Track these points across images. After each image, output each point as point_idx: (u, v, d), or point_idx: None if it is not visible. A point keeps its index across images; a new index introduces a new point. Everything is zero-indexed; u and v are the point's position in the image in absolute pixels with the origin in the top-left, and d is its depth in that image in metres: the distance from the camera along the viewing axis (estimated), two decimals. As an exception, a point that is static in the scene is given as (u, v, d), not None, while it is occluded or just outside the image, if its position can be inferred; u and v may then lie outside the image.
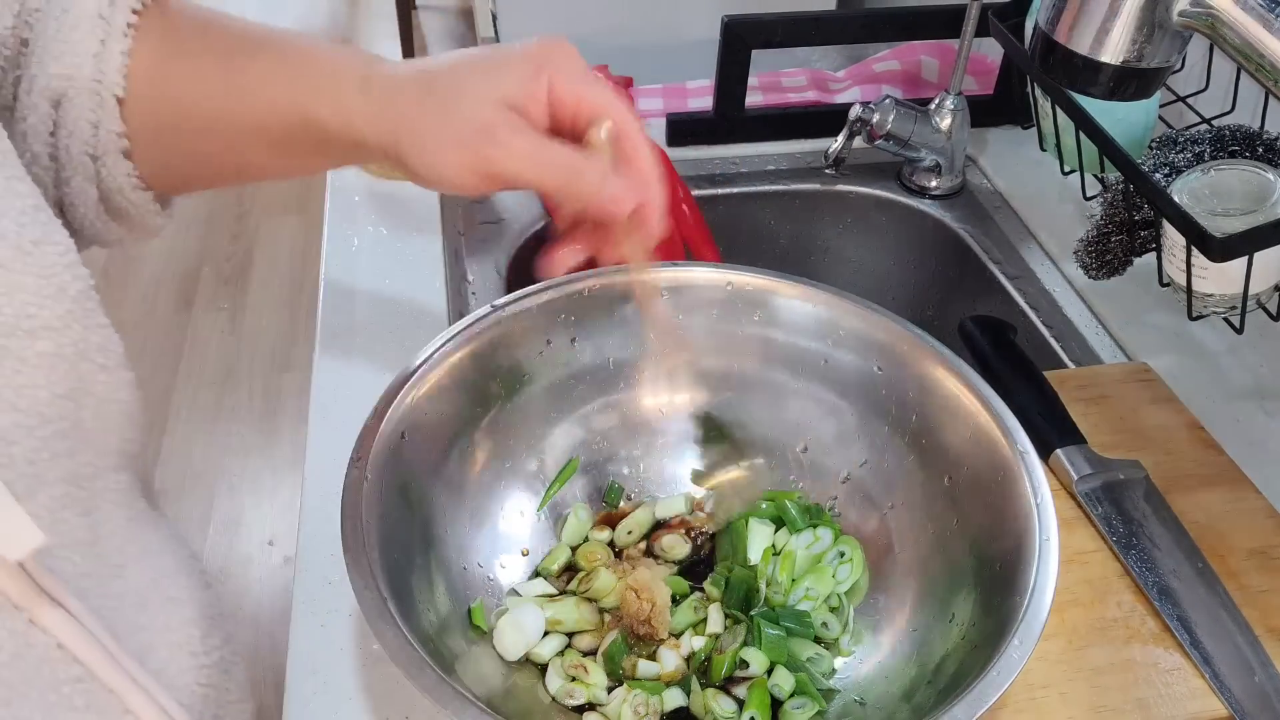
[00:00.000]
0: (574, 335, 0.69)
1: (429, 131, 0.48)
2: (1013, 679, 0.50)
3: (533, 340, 0.68)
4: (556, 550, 0.67)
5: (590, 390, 0.71)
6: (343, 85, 0.49)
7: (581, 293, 0.68)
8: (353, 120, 0.49)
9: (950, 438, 0.64)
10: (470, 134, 0.47)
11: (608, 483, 0.71)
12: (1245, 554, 0.71)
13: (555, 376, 0.70)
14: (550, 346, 0.69)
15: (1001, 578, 0.57)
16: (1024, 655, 0.51)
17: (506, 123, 0.47)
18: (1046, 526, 0.56)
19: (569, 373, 0.70)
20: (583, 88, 0.49)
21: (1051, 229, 1.04)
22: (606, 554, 0.67)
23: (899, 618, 0.64)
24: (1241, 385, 0.88)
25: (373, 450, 0.58)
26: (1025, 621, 0.52)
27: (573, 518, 0.69)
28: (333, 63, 0.50)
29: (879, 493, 0.68)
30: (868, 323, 0.68)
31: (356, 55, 0.51)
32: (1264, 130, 0.86)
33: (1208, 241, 0.75)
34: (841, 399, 0.70)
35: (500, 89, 0.47)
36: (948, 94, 1.05)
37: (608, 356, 0.71)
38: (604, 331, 0.70)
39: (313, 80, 0.49)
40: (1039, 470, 0.59)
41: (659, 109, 1.17)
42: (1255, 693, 0.63)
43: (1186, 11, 0.59)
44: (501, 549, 0.66)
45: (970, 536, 0.62)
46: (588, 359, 0.70)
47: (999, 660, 0.51)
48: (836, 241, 1.15)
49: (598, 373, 0.71)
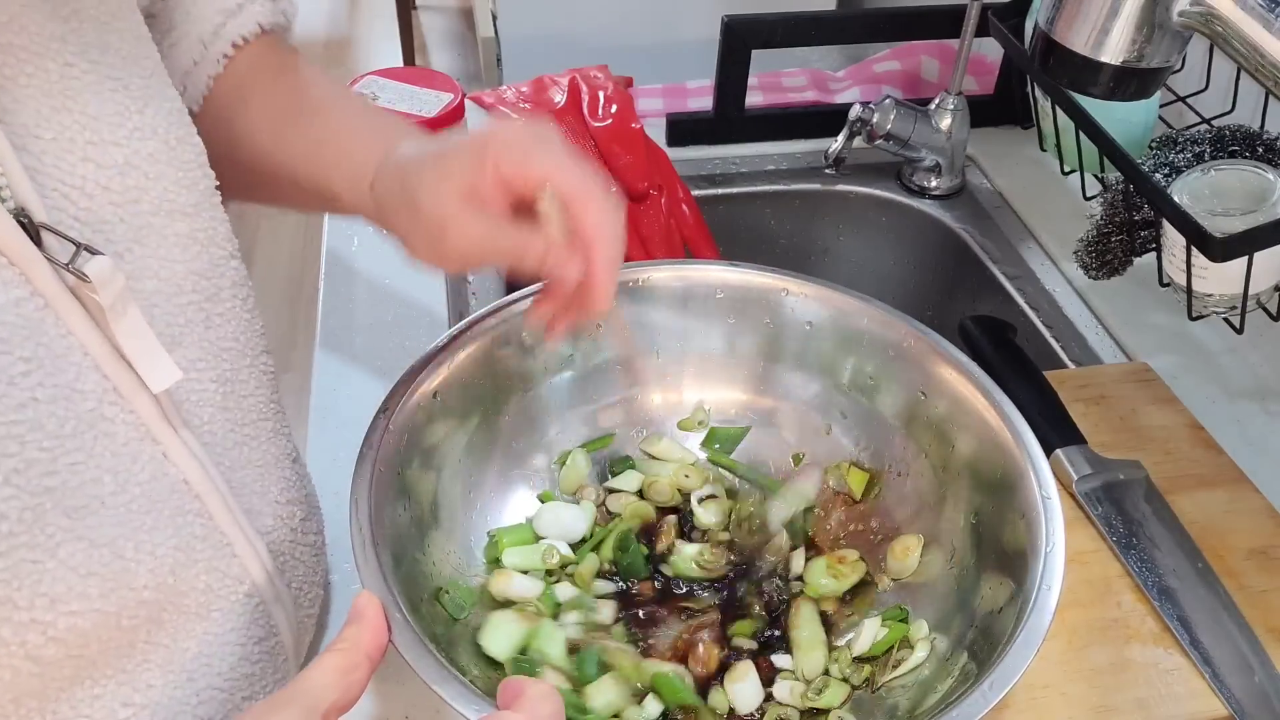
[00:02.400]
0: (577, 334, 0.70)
1: (408, 232, 0.55)
2: (1015, 680, 0.50)
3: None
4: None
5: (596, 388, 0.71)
6: (360, 177, 0.56)
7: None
8: (360, 210, 0.58)
9: (958, 439, 0.64)
10: (431, 229, 0.53)
11: (617, 457, 0.71)
12: (1245, 554, 0.71)
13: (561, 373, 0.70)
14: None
15: (1007, 578, 0.57)
16: (1027, 657, 0.51)
17: (457, 215, 0.52)
18: (1054, 530, 0.56)
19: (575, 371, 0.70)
20: (525, 164, 0.53)
21: (1051, 229, 1.04)
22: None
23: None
24: (1241, 385, 0.88)
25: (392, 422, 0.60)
26: (1029, 623, 0.52)
27: (570, 466, 0.69)
28: (361, 151, 0.57)
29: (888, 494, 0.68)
30: (875, 321, 0.68)
31: (381, 142, 0.57)
32: (1264, 130, 0.86)
33: (1208, 241, 0.75)
34: (848, 399, 0.70)
35: (450, 182, 0.52)
36: (948, 94, 1.05)
37: (606, 356, 0.71)
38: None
39: (340, 166, 0.57)
40: (1047, 472, 0.59)
41: (659, 109, 1.17)
42: (1255, 693, 0.63)
43: (1186, 11, 0.59)
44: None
45: (977, 537, 0.62)
46: (600, 358, 0.71)
47: (1001, 661, 0.51)
48: (836, 241, 1.15)
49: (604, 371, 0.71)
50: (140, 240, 0.46)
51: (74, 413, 0.43)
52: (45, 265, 0.41)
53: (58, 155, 0.42)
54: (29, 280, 0.41)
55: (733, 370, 0.72)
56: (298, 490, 0.61)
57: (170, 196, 0.48)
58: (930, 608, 0.62)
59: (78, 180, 0.43)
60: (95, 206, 0.44)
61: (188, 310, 0.49)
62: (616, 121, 1.05)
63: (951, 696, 0.52)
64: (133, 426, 0.45)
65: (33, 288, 0.41)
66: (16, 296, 0.40)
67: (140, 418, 0.46)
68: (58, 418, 0.42)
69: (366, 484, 0.56)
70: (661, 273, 0.70)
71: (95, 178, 0.44)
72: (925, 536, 0.65)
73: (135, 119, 0.46)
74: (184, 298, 0.49)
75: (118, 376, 0.44)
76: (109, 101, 0.45)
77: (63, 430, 0.42)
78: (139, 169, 0.46)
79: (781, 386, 0.72)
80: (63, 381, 0.42)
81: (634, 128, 1.05)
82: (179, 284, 0.49)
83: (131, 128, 0.46)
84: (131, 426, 0.45)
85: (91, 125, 0.44)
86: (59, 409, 0.42)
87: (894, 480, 0.68)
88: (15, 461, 0.40)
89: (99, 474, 0.44)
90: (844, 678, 0.60)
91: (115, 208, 0.45)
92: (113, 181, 0.45)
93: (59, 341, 0.42)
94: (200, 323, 0.51)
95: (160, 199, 0.47)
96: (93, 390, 0.43)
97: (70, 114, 0.43)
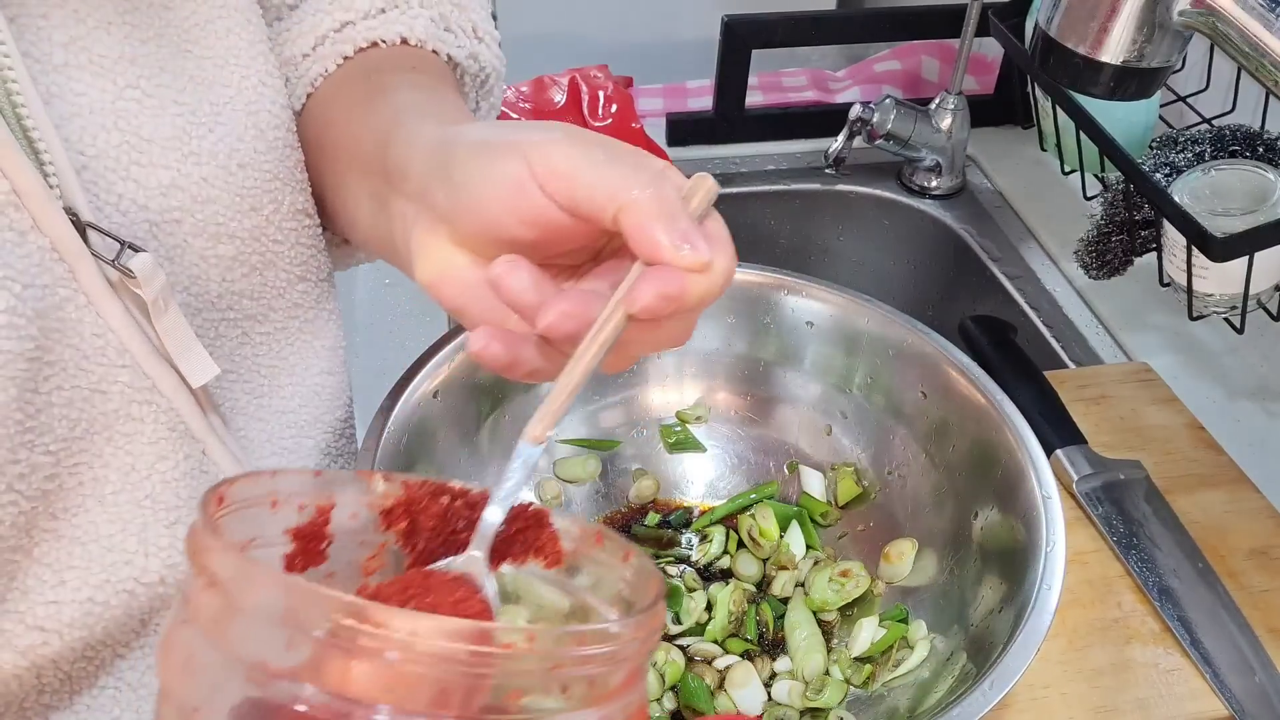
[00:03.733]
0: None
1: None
2: (1015, 680, 0.50)
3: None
4: None
5: (596, 388, 0.71)
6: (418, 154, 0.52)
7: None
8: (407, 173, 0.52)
9: (958, 439, 0.64)
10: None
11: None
12: (1245, 554, 0.71)
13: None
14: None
15: (1007, 578, 0.57)
16: (1027, 657, 0.51)
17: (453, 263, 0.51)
18: (1054, 530, 0.56)
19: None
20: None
21: (1051, 229, 1.04)
22: None
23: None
24: (1241, 385, 0.88)
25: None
26: (1029, 623, 0.52)
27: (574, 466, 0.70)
28: (418, 144, 0.51)
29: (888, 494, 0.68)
30: (875, 321, 0.68)
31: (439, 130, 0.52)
32: (1264, 130, 0.86)
33: (1208, 241, 0.75)
34: (848, 399, 0.70)
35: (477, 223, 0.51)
36: (948, 94, 1.05)
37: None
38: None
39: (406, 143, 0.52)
40: (1047, 472, 0.59)
41: (659, 109, 1.17)
42: (1255, 693, 0.63)
43: (1186, 11, 0.59)
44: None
45: (977, 538, 0.62)
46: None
47: (1001, 661, 0.51)
48: (836, 241, 1.15)
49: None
50: (172, 259, 0.47)
51: (88, 415, 0.43)
52: (91, 261, 0.42)
53: (98, 172, 0.43)
54: (75, 277, 0.41)
55: (733, 370, 0.72)
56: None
57: (220, 220, 0.48)
58: (930, 608, 0.62)
59: (114, 198, 0.44)
60: (129, 223, 0.44)
61: (219, 325, 0.50)
62: (616, 121, 1.06)
63: (951, 696, 0.52)
64: (168, 424, 0.46)
65: (78, 285, 0.42)
66: (62, 297, 0.41)
67: (180, 415, 0.46)
68: (69, 420, 0.42)
69: None
70: (662, 273, 0.70)
71: (134, 196, 0.44)
72: (925, 536, 0.65)
73: (194, 143, 0.46)
74: (216, 314, 0.50)
75: (157, 373, 0.45)
76: (167, 125, 0.45)
77: (72, 433, 0.42)
78: (185, 191, 0.46)
79: (782, 386, 0.71)
80: (85, 384, 0.42)
81: (634, 128, 1.05)
82: (212, 301, 0.49)
83: (187, 152, 0.46)
84: (166, 424, 0.46)
85: (141, 147, 0.44)
86: (73, 412, 0.42)
87: (894, 481, 0.68)
88: (21, 468, 0.40)
89: (105, 473, 0.44)
90: (845, 678, 0.60)
91: (151, 225, 0.45)
92: (152, 201, 0.45)
93: (91, 342, 0.42)
94: (235, 339, 0.51)
95: (206, 222, 0.47)
96: (120, 390, 0.44)
97: (120, 134, 0.43)
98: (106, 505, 0.44)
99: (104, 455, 0.44)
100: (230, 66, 0.49)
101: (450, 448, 0.64)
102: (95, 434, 0.43)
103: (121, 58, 0.44)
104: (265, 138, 0.50)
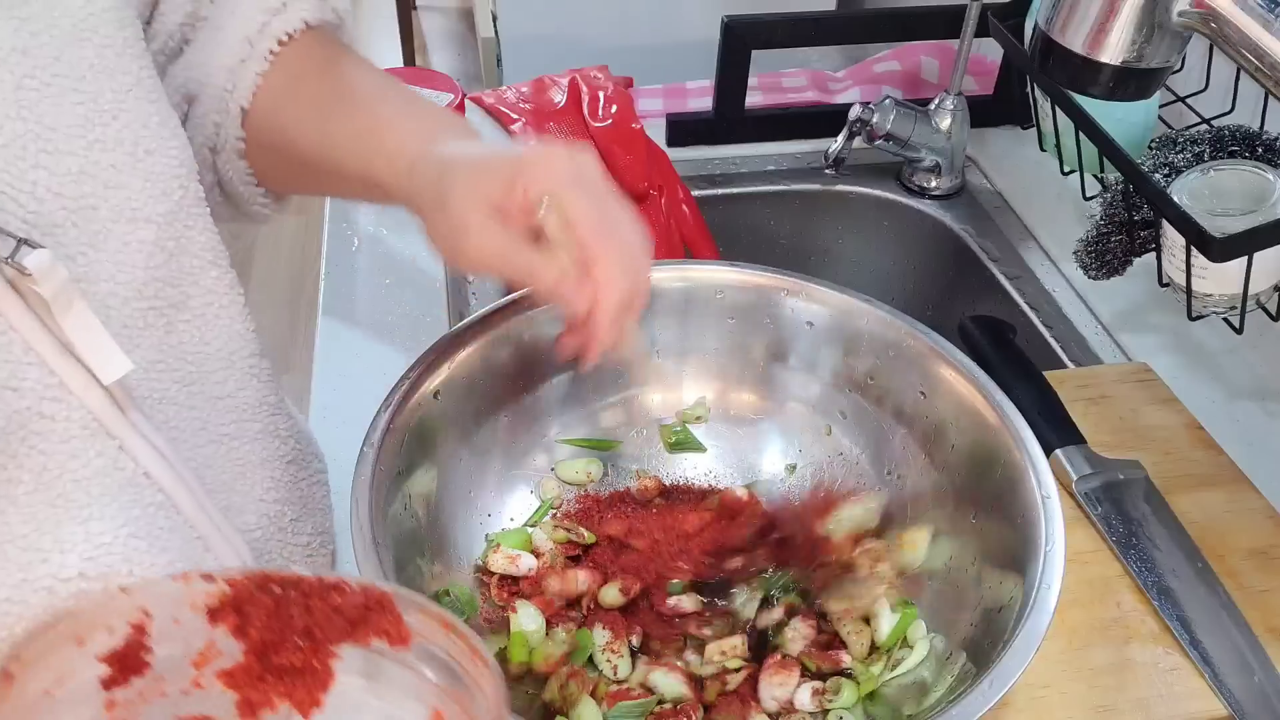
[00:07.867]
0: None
1: (433, 224, 0.56)
2: (1015, 680, 0.50)
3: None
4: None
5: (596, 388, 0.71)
6: (398, 164, 0.57)
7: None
8: (394, 196, 0.58)
9: (958, 439, 0.64)
10: (454, 230, 0.54)
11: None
12: (1245, 554, 0.71)
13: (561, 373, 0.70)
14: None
15: (1006, 578, 0.57)
16: (1026, 657, 0.51)
17: (480, 225, 0.53)
18: (1053, 530, 0.56)
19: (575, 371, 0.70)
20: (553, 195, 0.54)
21: (1051, 229, 1.04)
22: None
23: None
24: (1241, 385, 0.88)
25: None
26: (1029, 622, 0.52)
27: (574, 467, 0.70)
28: (404, 141, 0.58)
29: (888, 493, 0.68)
30: (875, 321, 0.68)
31: (425, 132, 0.58)
32: (1264, 130, 0.86)
33: (1207, 241, 0.75)
34: (848, 399, 0.70)
35: (480, 191, 0.53)
36: (948, 94, 1.05)
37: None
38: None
39: (381, 153, 0.58)
40: (1047, 472, 0.59)
41: (659, 109, 1.17)
42: (1255, 693, 0.63)
43: (1186, 11, 0.59)
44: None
45: (977, 537, 0.62)
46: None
47: (1001, 660, 0.51)
48: (836, 242, 1.15)
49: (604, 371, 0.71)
50: (95, 245, 0.47)
51: (1, 414, 0.43)
52: None
53: (8, 160, 0.43)
54: None
55: (733, 370, 0.72)
56: (289, 490, 0.61)
57: (135, 205, 0.49)
58: (929, 607, 0.62)
59: (27, 185, 0.44)
60: (45, 210, 0.45)
61: (147, 315, 0.51)
62: (616, 122, 1.06)
63: (951, 696, 0.52)
64: (80, 422, 0.46)
65: None
66: None
67: (92, 412, 0.46)
68: None
69: (367, 484, 0.57)
70: (662, 273, 0.70)
71: (47, 183, 0.45)
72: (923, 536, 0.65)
73: (99, 130, 0.47)
74: (144, 302, 0.50)
75: (65, 370, 0.45)
76: (70, 113, 0.46)
77: None
78: (96, 178, 0.47)
79: (782, 386, 0.72)
80: None
81: (634, 128, 1.05)
82: (139, 289, 0.50)
83: (93, 139, 0.47)
84: (79, 422, 0.46)
85: (46, 135, 0.45)
86: None
87: (893, 481, 0.68)
88: None
89: (17, 474, 0.44)
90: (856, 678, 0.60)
91: (68, 213, 0.46)
92: (65, 188, 0.46)
93: None
94: (161, 327, 0.52)
95: (121, 207, 0.48)
96: (31, 388, 0.44)
97: (25, 123, 0.44)
98: (20, 506, 0.45)
99: (18, 455, 0.44)
100: (128, 56, 0.50)
101: (450, 448, 0.65)
102: (11, 433, 0.43)
103: (14, 50, 0.44)
104: (169, 124, 0.52)
